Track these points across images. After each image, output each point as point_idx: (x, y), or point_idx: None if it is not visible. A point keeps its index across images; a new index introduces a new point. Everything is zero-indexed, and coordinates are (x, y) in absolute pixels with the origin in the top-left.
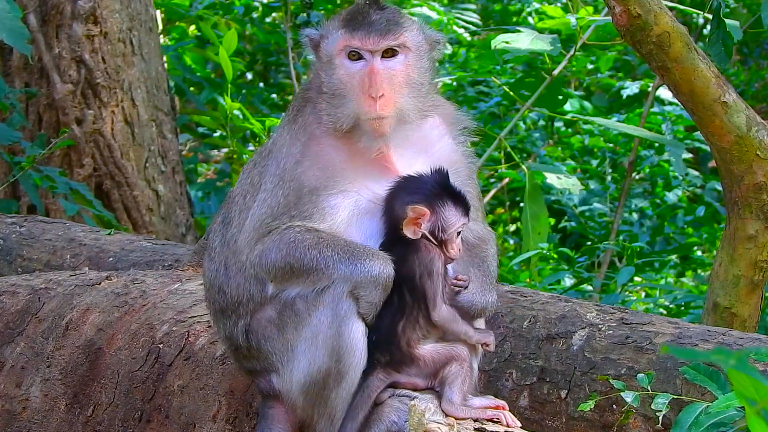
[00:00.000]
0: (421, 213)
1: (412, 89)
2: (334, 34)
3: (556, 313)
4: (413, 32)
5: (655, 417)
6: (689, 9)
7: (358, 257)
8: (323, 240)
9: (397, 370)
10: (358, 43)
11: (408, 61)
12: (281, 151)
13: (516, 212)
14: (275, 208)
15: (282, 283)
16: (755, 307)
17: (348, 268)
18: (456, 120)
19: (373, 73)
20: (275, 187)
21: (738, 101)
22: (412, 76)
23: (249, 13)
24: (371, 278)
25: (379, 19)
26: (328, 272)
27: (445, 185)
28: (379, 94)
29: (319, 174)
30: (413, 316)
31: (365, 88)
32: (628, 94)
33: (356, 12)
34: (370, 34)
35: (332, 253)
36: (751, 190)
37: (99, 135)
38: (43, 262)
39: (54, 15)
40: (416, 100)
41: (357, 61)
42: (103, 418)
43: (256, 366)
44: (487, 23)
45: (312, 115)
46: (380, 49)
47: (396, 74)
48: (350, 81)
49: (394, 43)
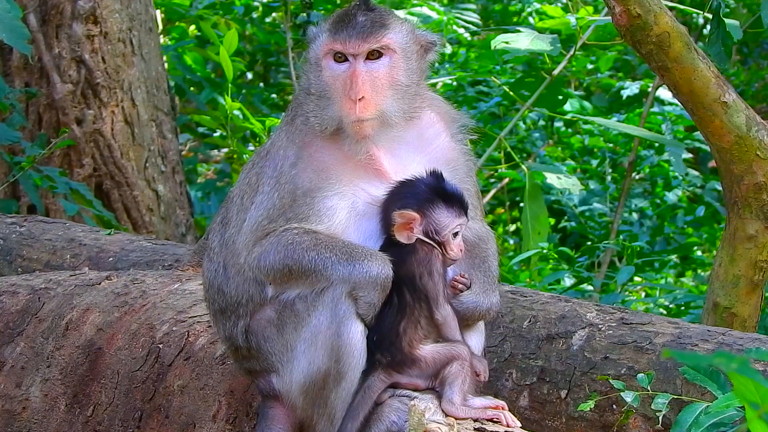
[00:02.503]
0: (411, 218)
1: (397, 91)
2: (321, 37)
3: (556, 313)
4: (399, 34)
5: (655, 417)
6: (689, 9)
7: (356, 258)
8: (321, 241)
9: (399, 371)
10: (341, 47)
11: (393, 63)
12: (278, 153)
13: (516, 212)
14: (271, 210)
15: (281, 285)
16: (755, 307)
17: (346, 269)
18: (453, 118)
19: (355, 76)
20: (272, 189)
21: (738, 101)
22: (396, 77)
23: (249, 13)
24: (370, 279)
25: (364, 20)
26: (326, 273)
27: (436, 188)
28: (359, 96)
29: (314, 176)
30: (414, 316)
31: (346, 91)
32: (628, 94)
33: (344, 14)
34: (352, 37)
35: (330, 255)
36: (751, 190)
37: (99, 135)
38: (43, 262)
39: (54, 15)
40: (401, 102)
41: (341, 63)
42: (103, 418)
43: (256, 366)
44: (487, 23)
45: (305, 116)
46: (362, 52)
47: (379, 76)
48: (334, 83)
49: (376, 46)
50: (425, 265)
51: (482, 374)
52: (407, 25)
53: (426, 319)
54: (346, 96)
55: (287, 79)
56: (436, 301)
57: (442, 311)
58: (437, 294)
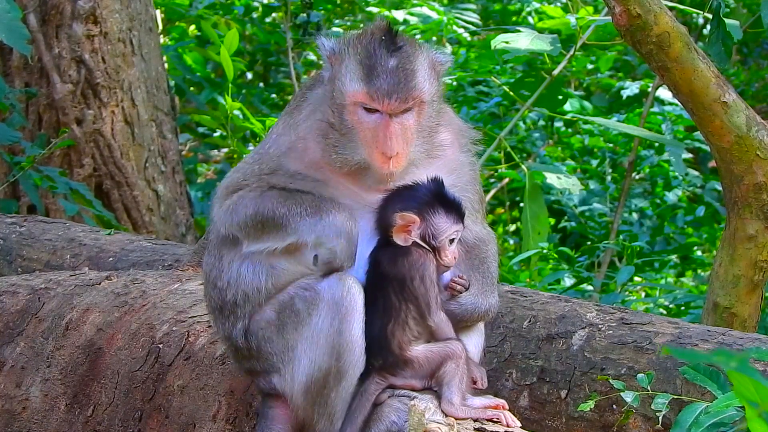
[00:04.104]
0: (411, 220)
1: (423, 133)
2: (348, 79)
3: (556, 313)
4: (428, 80)
5: (655, 417)
6: (689, 9)
7: (322, 211)
8: (291, 196)
9: (392, 374)
10: (377, 105)
11: (421, 111)
12: (270, 137)
13: (516, 212)
14: (248, 173)
15: (252, 238)
16: (755, 307)
17: (313, 220)
18: (462, 130)
19: (389, 133)
20: (254, 162)
21: (738, 101)
22: (423, 123)
23: (249, 13)
24: (334, 229)
25: (395, 70)
26: (294, 225)
27: (437, 193)
28: (393, 153)
29: (301, 167)
30: (401, 318)
31: (379, 145)
32: (628, 94)
33: (373, 57)
34: (390, 98)
35: (299, 208)
36: (751, 190)
37: (99, 135)
38: (43, 262)
39: (54, 15)
40: (427, 144)
41: (372, 113)
42: (103, 418)
43: (257, 366)
44: (487, 23)
45: (309, 118)
46: (398, 112)
47: (409, 128)
48: (362, 131)
49: (412, 104)
50: (417, 268)
51: (479, 381)
52: (426, 54)
53: (414, 321)
54: (378, 150)
55: (287, 79)
56: (429, 306)
57: (435, 317)
58: (429, 299)
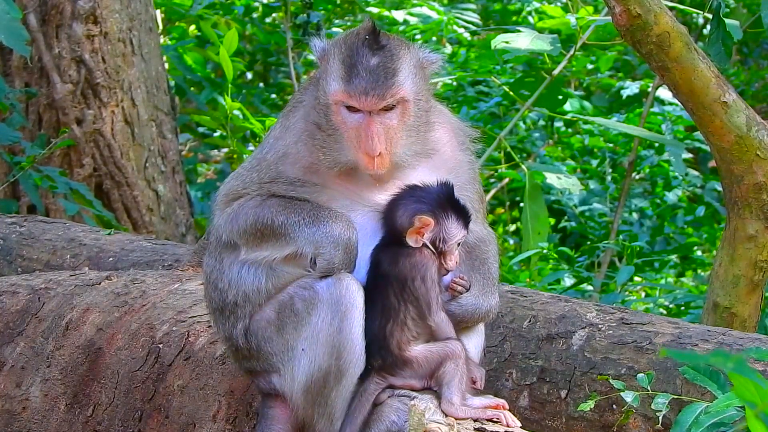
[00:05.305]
0: (427, 223)
1: (410, 133)
2: (331, 78)
3: (556, 313)
4: (410, 78)
5: (655, 417)
6: (689, 9)
7: (321, 220)
8: (290, 205)
9: (391, 374)
10: (355, 102)
11: (405, 110)
12: (268, 140)
13: (516, 212)
14: (247, 181)
15: (251, 246)
16: (755, 307)
17: (311, 230)
18: (460, 128)
19: (371, 132)
20: (252, 169)
21: (738, 101)
22: (409, 122)
23: (249, 13)
24: (331, 238)
25: (376, 68)
26: (293, 235)
27: (450, 197)
28: (376, 153)
29: (299, 172)
30: (400, 318)
31: (362, 145)
32: (628, 94)
33: (355, 55)
34: (367, 95)
35: (297, 218)
36: (751, 190)
37: (99, 135)
38: (43, 262)
39: (54, 15)
40: (415, 144)
41: (354, 113)
42: (103, 418)
43: (257, 366)
44: (487, 23)
45: (302, 120)
46: (377, 109)
47: (393, 126)
48: (346, 131)
49: (391, 101)
50: (419, 269)
51: (478, 382)
52: (412, 53)
53: (413, 321)
54: (362, 150)
55: (287, 79)
56: (430, 307)
57: (436, 318)
58: (431, 300)
